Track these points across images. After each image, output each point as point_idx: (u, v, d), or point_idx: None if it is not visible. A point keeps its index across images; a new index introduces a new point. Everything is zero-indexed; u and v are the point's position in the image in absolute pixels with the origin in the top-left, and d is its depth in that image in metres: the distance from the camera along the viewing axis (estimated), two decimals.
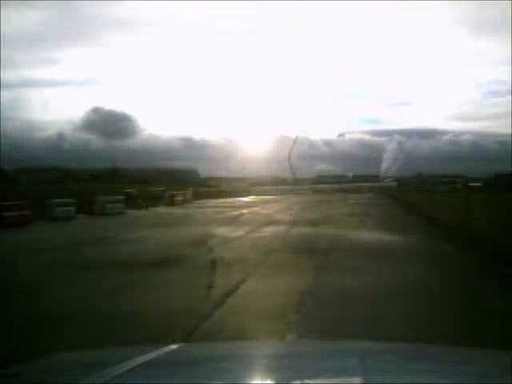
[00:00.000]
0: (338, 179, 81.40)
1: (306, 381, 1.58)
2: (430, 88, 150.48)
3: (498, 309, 6.04)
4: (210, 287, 6.97)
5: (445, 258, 10.16)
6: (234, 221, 20.01)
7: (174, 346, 2.06)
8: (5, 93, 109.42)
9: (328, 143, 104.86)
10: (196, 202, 40.81)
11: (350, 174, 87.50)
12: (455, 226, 14.76)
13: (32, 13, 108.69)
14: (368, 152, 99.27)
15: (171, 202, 36.47)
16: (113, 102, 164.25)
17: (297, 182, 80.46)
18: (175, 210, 29.01)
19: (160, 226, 17.72)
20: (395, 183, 73.61)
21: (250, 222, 19.35)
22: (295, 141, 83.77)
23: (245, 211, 26.94)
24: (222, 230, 15.59)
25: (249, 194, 58.69)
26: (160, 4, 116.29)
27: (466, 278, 8.03)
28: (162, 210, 30.49)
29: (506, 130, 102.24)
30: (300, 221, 19.49)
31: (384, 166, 79.68)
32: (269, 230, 15.64)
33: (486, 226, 12.50)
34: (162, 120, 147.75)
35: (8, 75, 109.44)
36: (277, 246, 11.99)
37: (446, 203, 28.43)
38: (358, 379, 1.57)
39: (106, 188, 47.85)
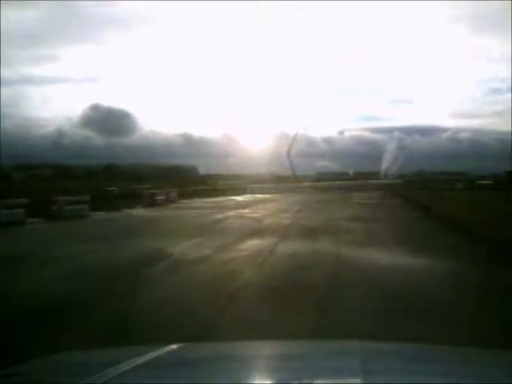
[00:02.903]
0: (338, 176, 78.97)
1: (306, 381, 1.58)
2: (430, 85, 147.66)
3: None
4: None
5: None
6: (210, 228, 15.95)
7: (174, 346, 2.04)
8: (3, 90, 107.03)
9: (328, 140, 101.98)
10: (182, 201, 36.79)
11: (351, 172, 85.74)
12: (496, 238, 10.76)
13: (31, 10, 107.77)
14: (368, 149, 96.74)
15: (151, 203, 32.44)
16: (112, 99, 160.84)
17: (297, 179, 77.11)
18: (150, 213, 24.91)
19: (109, 238, 13.65)
20: (399, 180, 71.01)
21: (231, 230, 15.30)
22: (294, 138, 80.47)
23: (231, 214, 22.87)
24: (185, 246, 11.56)
25: (245, 192, 54.72)
26: (158, 1, 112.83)
27: None
28: (136, 211, 26.43)
29: (506, 128, 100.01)
30: (294, 229, 15.43)
31: (385, 163, 77.53)
32: (249, 246, 11.60)
33: None
34: (162, 117, 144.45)
35: (5, 72, 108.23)
36: (251, 277, 7.95)
37: (464, 204, 24.57)
38: (358, 379, 1.54)
39: (87, 185, 44.49)
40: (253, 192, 55.35)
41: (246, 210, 25.45)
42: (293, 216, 21.15)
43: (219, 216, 21.32)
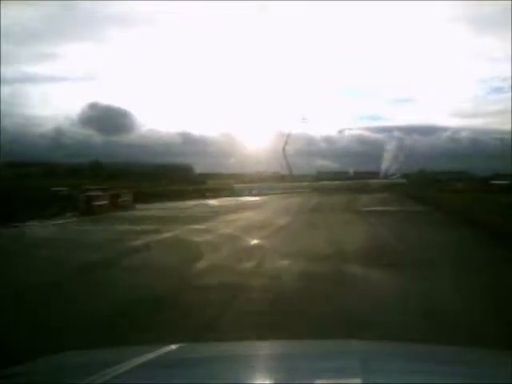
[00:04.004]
0: (338, 176, 74.65)
1: (305, 381, 1.58)
2: (430, 84, 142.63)
3: None
4: None
5: None
6: (71, 285, 7.02)
7: (173, 346, 2.02)
8: (1, 88, 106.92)
9: (328, 139, 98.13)
10: (138, 206, 28.12)
11: (351, 171, 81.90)
12: None
13: (30, 8, 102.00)
14: (368, 148, 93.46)
15: (87, 209, 23.68)
16: (111, 98, 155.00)
17: (294, 178, 71.78)
18: (52, 231, 16.00)
19: None
20: (403, 180, 65.50)
21: (116, 290, 6.37)
22: (289, 134, 76.29)
23: (174, 233, 14.11)
24: None
25: (232, 193, 46.05)
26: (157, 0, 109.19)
27: None
28: (47, 225, 17.61)
29: (507, 127, 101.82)
30: (254, 288, 6.41)
31: (385, 162, 76.20)
32: None
33: None
34: (161, 115, 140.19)
35: (3, 70, 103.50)
36: None
37: None
38: (358, 379, 1.51)
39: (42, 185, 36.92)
40: (241, 193, 46.85)
41: (205, 226, 16.41)
42: (267, 244, 11.98)
43: (145, 240, 12.44)
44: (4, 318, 5.56)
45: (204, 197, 39.92)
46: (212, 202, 33.90)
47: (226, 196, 42.15)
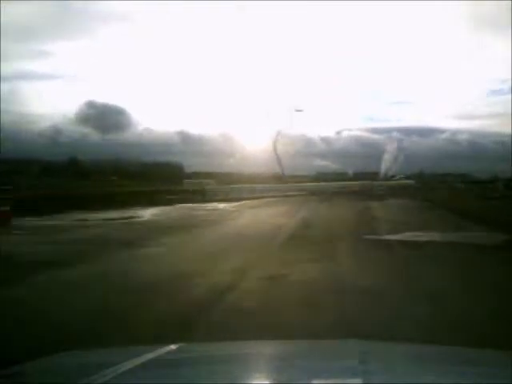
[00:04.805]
0: (338, 177, 72.78)
1: (305, 381, 1.56)
2: (429, 86, 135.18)
3: None
4: None
5: None
6: None
7: (173, 346, 2.00)
8: None
9: (326, 140, 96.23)
10: (20, 221, 17.67)
11: (351, 172, 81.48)
12: None
13: (27, 6, 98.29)
14: (366, 149, 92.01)
15: None
16: (107, 96, 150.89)
17: (293, 178, 67.43)
18: None
19: None
20: (412, 181, 61.35)
21: None
22: (279, 133, 70.92)
23: None
24: None
25: (204, 197, 36.68)
26: None
27: None
28: None
29: (506, 130, 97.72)
30: None
31: (385, 164, 73.80)
32: None
33: None
34: (158, 114, 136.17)
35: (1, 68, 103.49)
36: None
37: None
38: (358, 379, 1.50)
39: None
40: (214, 197, 36.05)
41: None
42: None
43: None
44: None
45: (155, 202, 28.81)
46: (150, 212, 23.30)
47: (191, 201, 31.39)
